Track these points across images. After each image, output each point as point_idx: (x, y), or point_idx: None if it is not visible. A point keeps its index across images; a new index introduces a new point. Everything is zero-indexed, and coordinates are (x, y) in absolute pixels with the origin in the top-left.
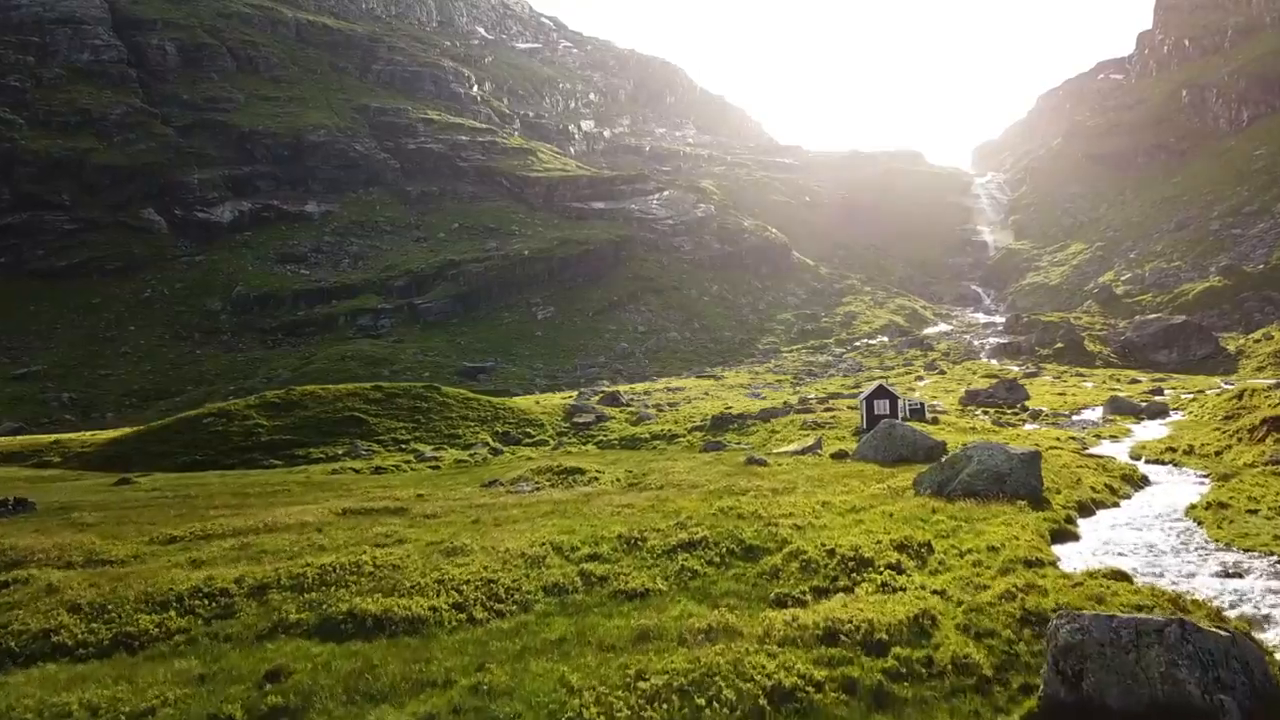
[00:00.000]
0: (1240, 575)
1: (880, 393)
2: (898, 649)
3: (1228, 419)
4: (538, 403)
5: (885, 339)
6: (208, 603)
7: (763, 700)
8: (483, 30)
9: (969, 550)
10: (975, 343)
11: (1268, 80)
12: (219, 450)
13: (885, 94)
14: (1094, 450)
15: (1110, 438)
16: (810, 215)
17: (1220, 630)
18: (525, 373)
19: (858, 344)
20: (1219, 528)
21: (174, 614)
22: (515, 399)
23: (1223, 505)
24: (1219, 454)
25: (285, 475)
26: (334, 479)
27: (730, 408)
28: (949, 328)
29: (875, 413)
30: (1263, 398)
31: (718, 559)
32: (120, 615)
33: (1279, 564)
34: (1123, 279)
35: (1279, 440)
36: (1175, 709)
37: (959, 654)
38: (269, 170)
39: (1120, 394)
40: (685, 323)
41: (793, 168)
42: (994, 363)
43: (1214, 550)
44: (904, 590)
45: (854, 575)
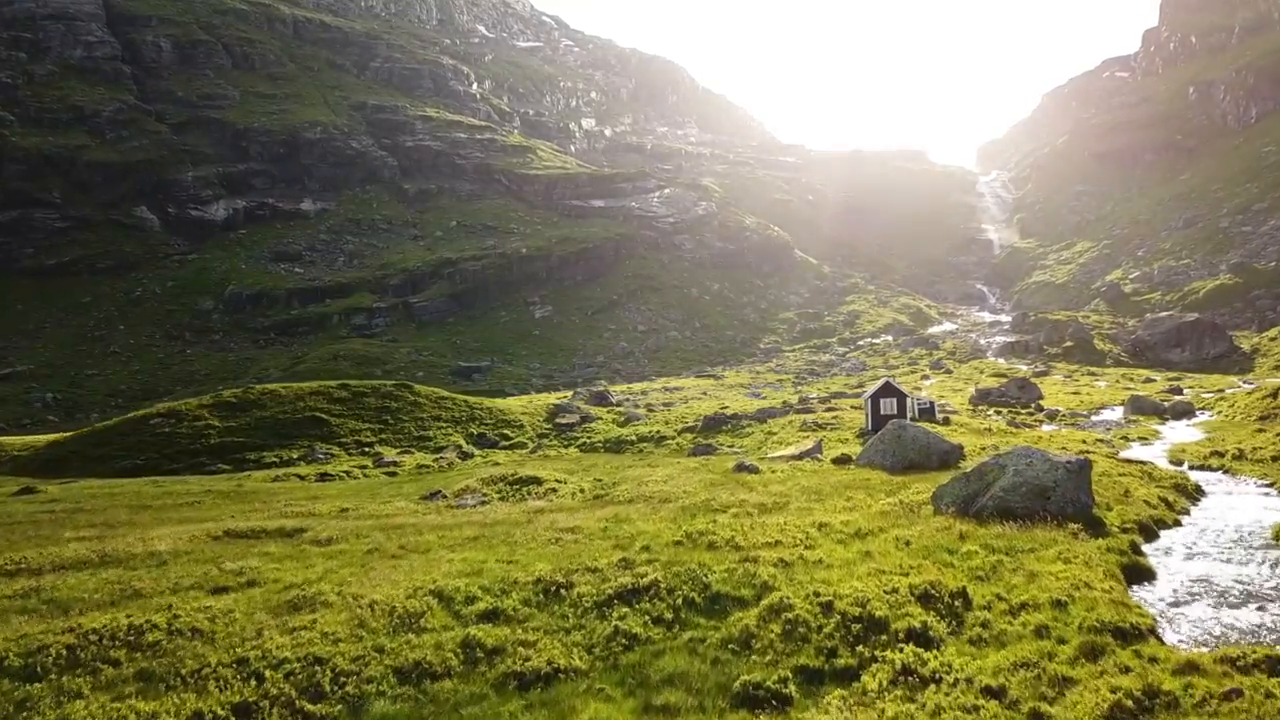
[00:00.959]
0: None
1: (887, 391)
2: None
3: (1264, 419)
4: (531, 402)
5: (889, 338)
6: None
7: None
8: (483, 29)
9: (1024, 605)
10: (982, 341)
11: (1276, 76)
12: (163, 454)
13: (888, 93)
14: (1126, 454)
15: (1139, 440)
16: (813, 214)
17: None
18: (522, 372)
19: (861, 343)
20: None
21: None
22: (496, 399)
23: None
24: (1276, 459)
25: (210, 484)
26: (267, 488)
27: (726, 407)
28: (954, 327)
29: (881, 413)
30: None
31: (669, 615)
32: None
33: None
34: (1131, 277)
35: None
36: None
37: None
38: (264, 168)
39: (1141, 393)
40: (686, 322)
41: (795, 166)
42: (1001, 361)
43: None
44: (937, 683)
45: (860, 647)
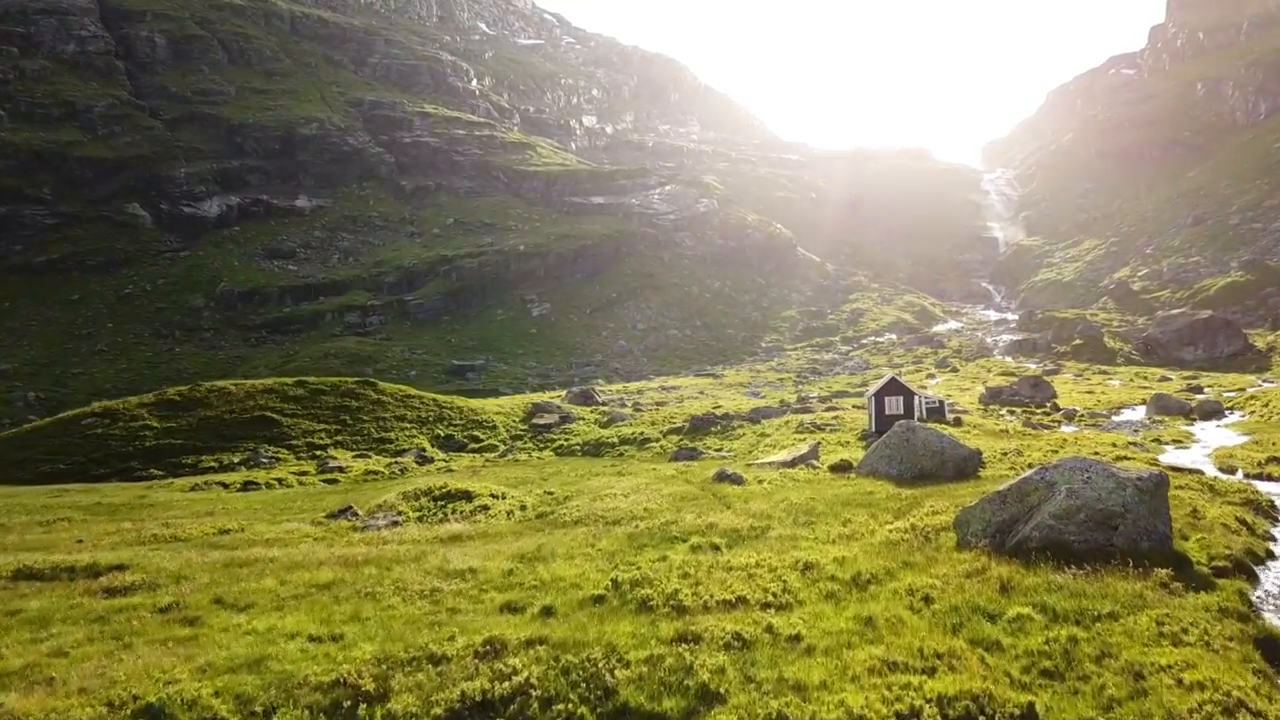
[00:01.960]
0: None
1: (892, 388)
2: None
3: None
4: (509, 401)
5: (893, 336)
6: None
7: None
8: (484, 26)
9: None
10: (988, 340)
11: None
12: (91, 457)
13: (892, 91)
14: (1165, 459)
15: (1174, 442)
16: (816, 212)
17: None
18: (518, 372)
19: (865, 341)
20: None
21: None
22: (473, 399)
23: None
24: None
25: (105, 495)
26: (167, 499)
27: (719, 406)
28: (959, 325)
29: (887, 412)
30: None
31: None
32: None
33: None
34: (1139, 275)
35: None
36: None
37: None
38: (259, 164)
39: (1163, 391)
40: (686, 320)
41: (798, 164)
42: (1009, 360)
43: None
44: None
45: None
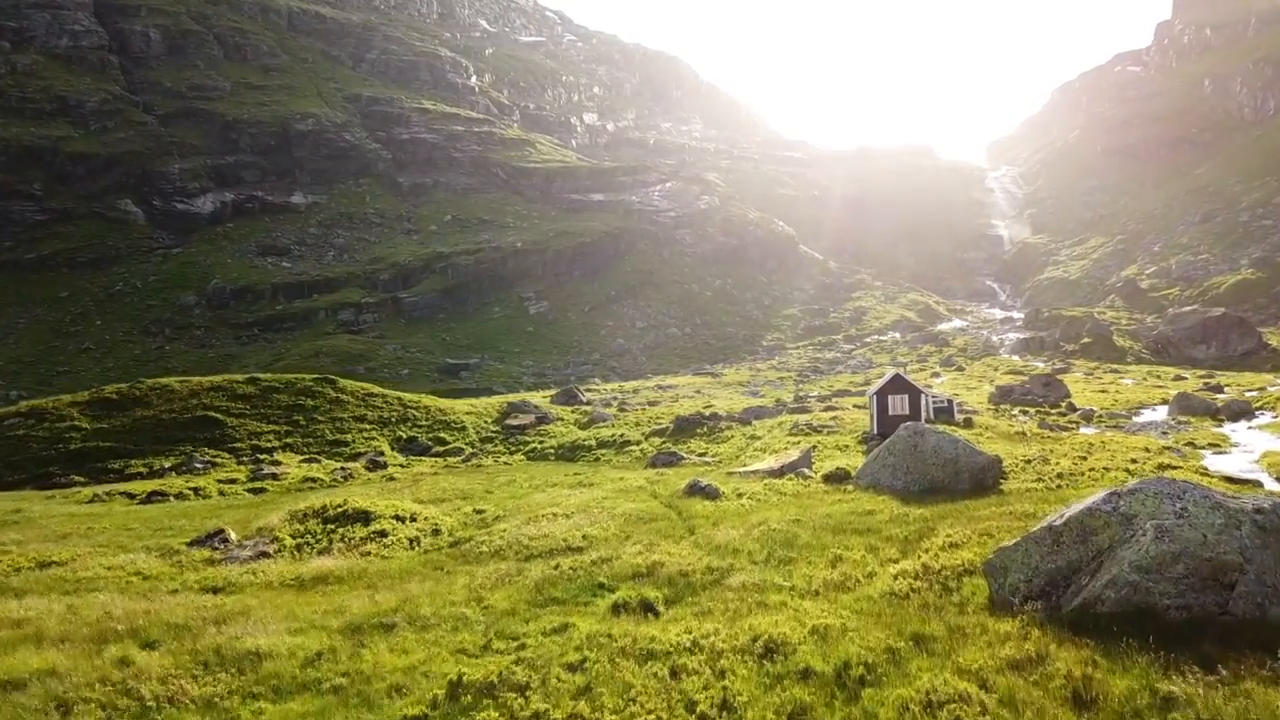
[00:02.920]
0: None
1: (896, 386)
2: None
3: None
4: (481, 401)
5: (897, 335)
6: None
7: None
8: (485, 23)
9: None
10: (994, 338)
11: None
12: (7, 461)
13: (895, 89)
14: (1209, 465)
15: (1210, 446)
16: (818, 210)
17: None
18: (513, 370)
19: (868, 340)
20: None
21: None
22: (459, 399)
23: None
24: None
25: None
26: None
27: (710, 405)
28: (964, 323)
29: (890, 413)
30: None
31: None
32: None
33: None
34: (1147, 273)
35: None
36: None
37: None
38: (254, 160)
39: (1185, 389)
40: (686, 318)
41: (801, 162)
42: (1016, 358)
43: None
44: None
45: None
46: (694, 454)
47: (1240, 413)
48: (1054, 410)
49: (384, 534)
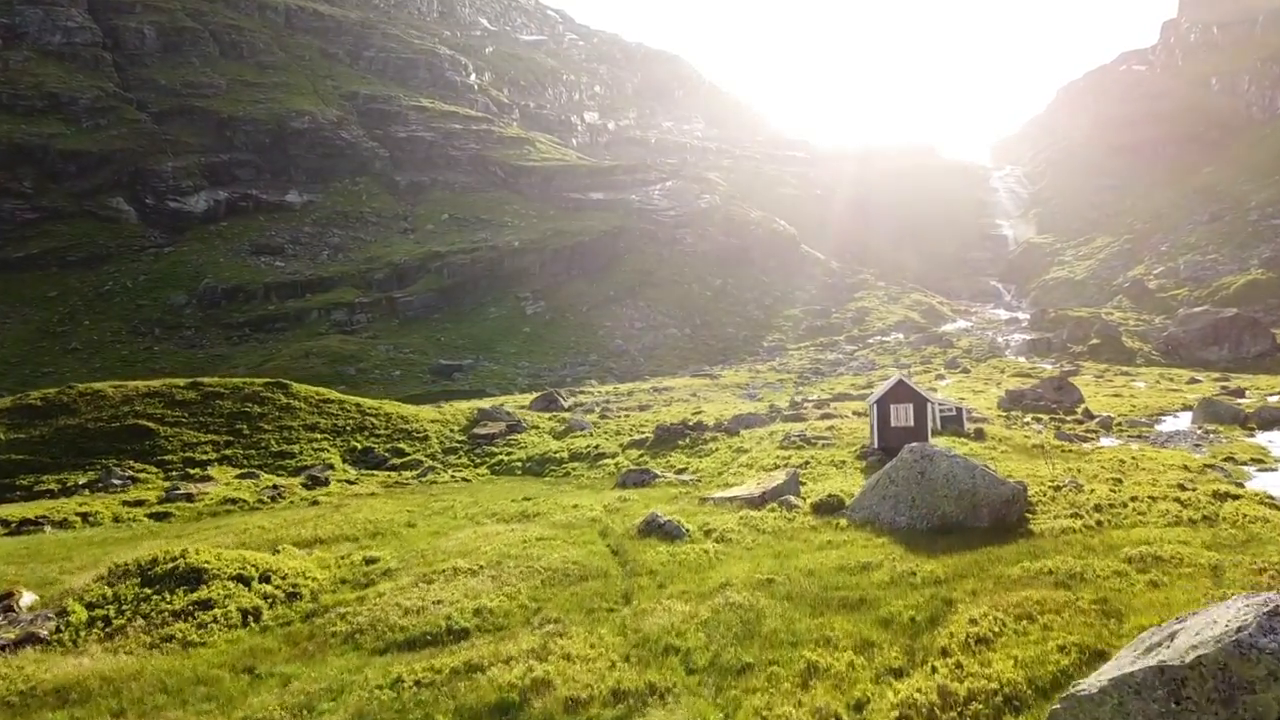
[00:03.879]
0: None
1: (899, 394)
2: None
3: None
4: (448, 408)
5: (900, 336)
6: None
7: None
8: (485, 21)
9: None
10: (999, 340)
11: None
12: None
13: (899, 88)
14: (1257, 486)
15: (1253, 462)
16: (821, 210)
17: None
18: (508, 371)
19: (871, 341)
20: None
21: None
22: (403, 406)
23: None
24: None
25: None
26: None
27: (700, 412)
28: (968, 324)
29: (893, 424)
30: None
31: None
32: None
33: None
34: (1155, 273)
35: None
36: None
37: None
38: (249, 158)
39: (1202, 395)
40: (685, 319)
41: (804, 162)
42: (1022, 360)
43: None
44: None
45: None
46: (672, 470)
47: (1272, 421)
48: (1069, 418)
49: (209, 604)
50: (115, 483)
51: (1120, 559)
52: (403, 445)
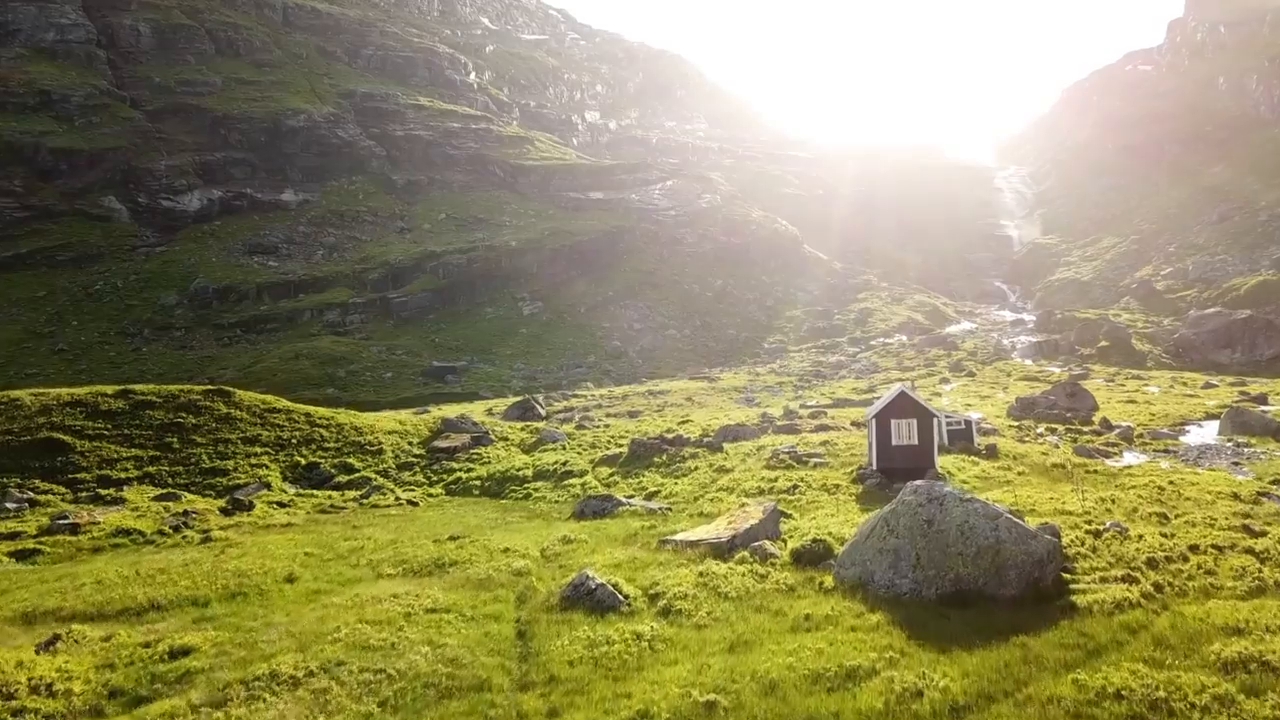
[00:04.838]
0: None
1: (901, 407)
2: None
3: None
4: (410, 417)
5: (904, 337)
6: None
7: None
8: (486, 20)
9: None
10: (1005, 342)
11: None
12: None
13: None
14: None
15: None
16: (824, 210)
17: None
18: (503, 373)
19: (873, 343)
20: None
21: None
22: (361, 413)
23: None
24: None
25: None
26: None
27: (688, 420)
28: (973, 326)
29: (894, 442)
30: None
31: None
32: None
33: None
34: (1163, 274)
35: None
36: None
37: None
38: (244, 157)
39: (1221, 401)
40: (685, 320)
41: (806, 161)
42: (1029, 363)
43: None
44: None
45: None
46: (642, 493)
47: None
48: (1086, 428)
49: None
50: (9, 506)
51: (1212, 666)
52: (352, 460)
